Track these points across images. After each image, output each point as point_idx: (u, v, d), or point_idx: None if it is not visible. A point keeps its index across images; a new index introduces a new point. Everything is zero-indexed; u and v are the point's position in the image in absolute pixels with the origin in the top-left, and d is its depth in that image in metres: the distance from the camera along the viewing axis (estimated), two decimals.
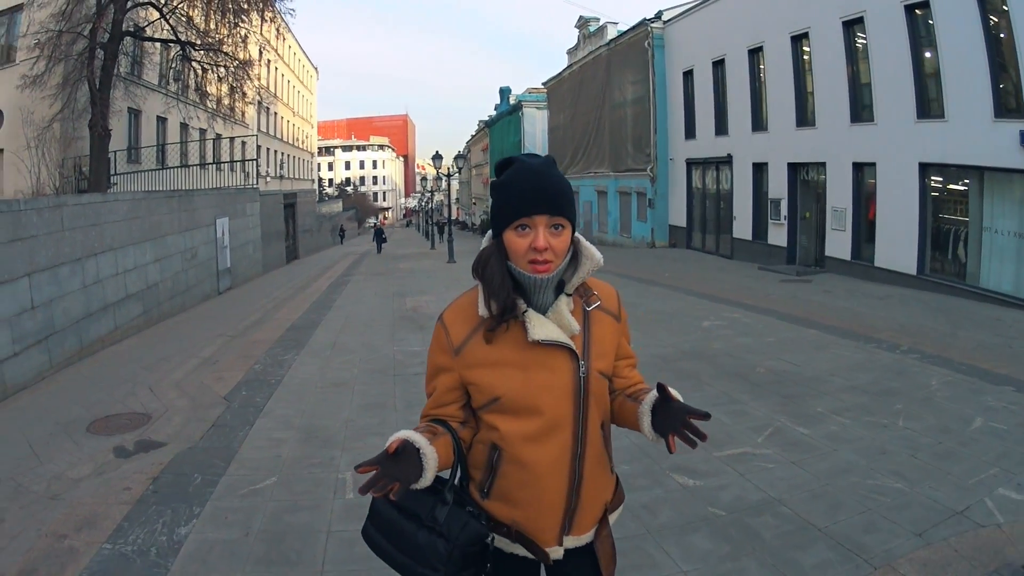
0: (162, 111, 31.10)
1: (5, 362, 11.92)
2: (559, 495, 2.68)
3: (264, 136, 52.42)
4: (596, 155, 47.16)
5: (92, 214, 16.08)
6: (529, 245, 2.52)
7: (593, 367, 2.67)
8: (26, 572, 5.83)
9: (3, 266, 12.15)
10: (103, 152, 22.20)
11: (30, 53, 21.86)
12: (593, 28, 48.09)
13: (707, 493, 6.43)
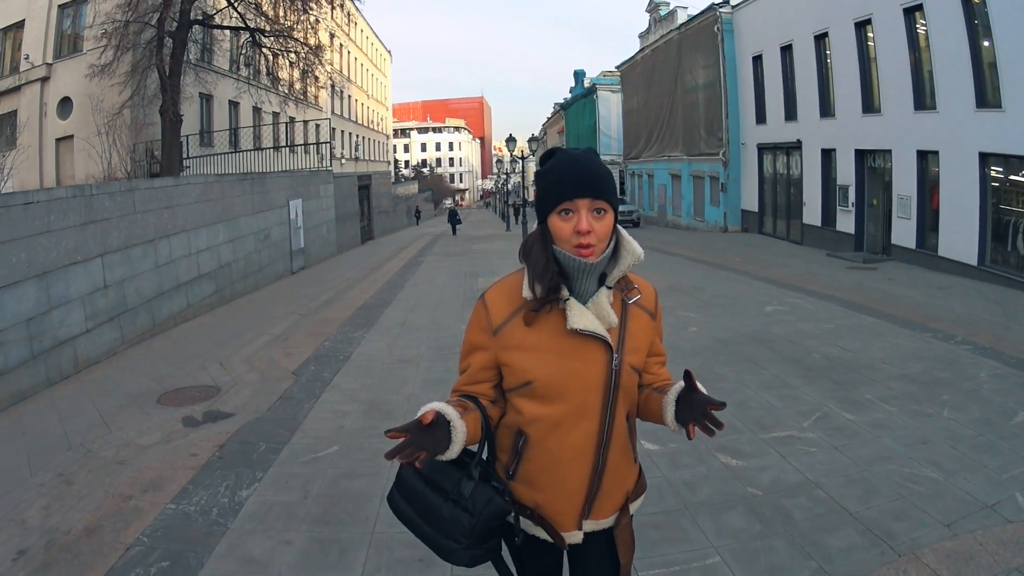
0: (234, 96, 31.72)
1: (78, 338, 12.43)
2: (581, 482, 2.75)
3: (338, 119, 52.97)
4: (670, 139, 46.70)
5: (164, 197, 16.54)
6: (573, 229, 2.57)
7: (626, 360, 2.72)
8: (92, 528, 6.21)
9: (77, 248, 12.63)
10: (175, 137, 22.79)
11: (97, 43, 22.56)
12: (663, 12, 47.59)
13: (748, 473, 6.52)
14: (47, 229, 11.77)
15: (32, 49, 28.10)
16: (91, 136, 22.06)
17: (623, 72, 58.35)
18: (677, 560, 5.05)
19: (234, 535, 5.98)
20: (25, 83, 27.94)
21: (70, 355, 12.08)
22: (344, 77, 54.52)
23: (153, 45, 22.22)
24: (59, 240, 12.06)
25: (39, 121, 27.20)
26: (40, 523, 6.41)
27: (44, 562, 5.67)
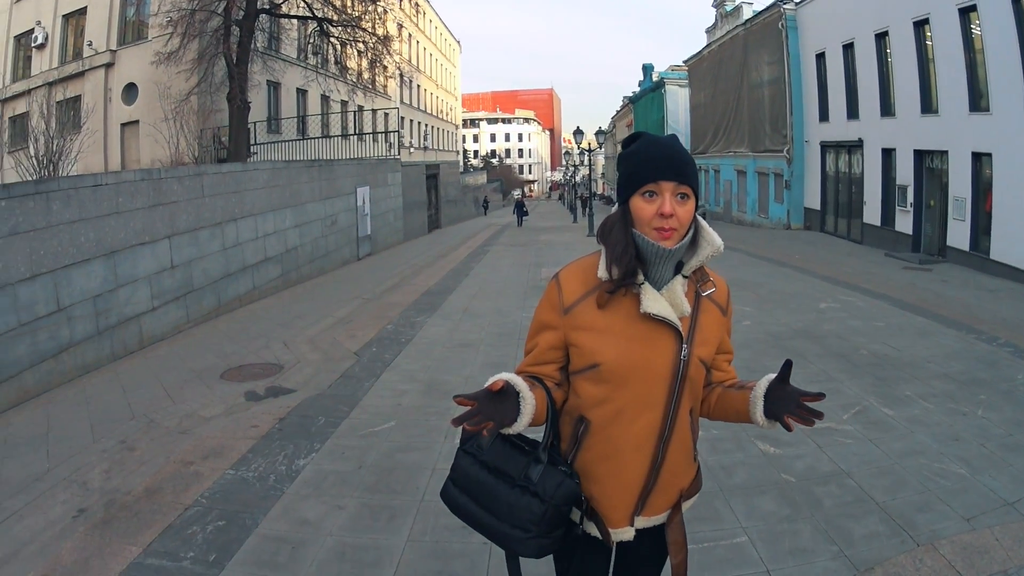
0: (302, 83, 32.11)
1: (143, 315, 12.85)
2: (638, 474, 2.69)
3: (407, 108, 53.42)
4: (736, 134, 46.19)
5: (232, 182, 16.95)
6: (656, 211, 2.53)
7: (695, 352, 2.65)
8: (152, 490, 6.48)
9: (145, 229, 13.02)
10: (242, 123, 23.14)
11: (162, 31, 22.98)
12: (729, 8, 47.13)
13: (783, 461, 6.59)
14: (116, 211, 12.17)
15: (95, 36, 28.72)
16: (157, 122, 22.44)
17: (690, 67, 57.99)
18: (707, 538, 5.17)
19: (289, 499, 6.21)
20: (89, 69, 28.54)
21: (135, 331, 12.50)
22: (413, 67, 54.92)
23: (220, 33, 22.55)
24: (127, 221, 12.45)
25: (104, 106, 27.80)
26: (101, 485, 6.72)
27: (103, 519, 5.96)
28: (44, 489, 6.70)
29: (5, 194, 9.95)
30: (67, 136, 16.98)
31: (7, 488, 6.76)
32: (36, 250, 10.23)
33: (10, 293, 9.69)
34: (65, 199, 10.96)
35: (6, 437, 8.34)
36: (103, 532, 5.71)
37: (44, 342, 10.28)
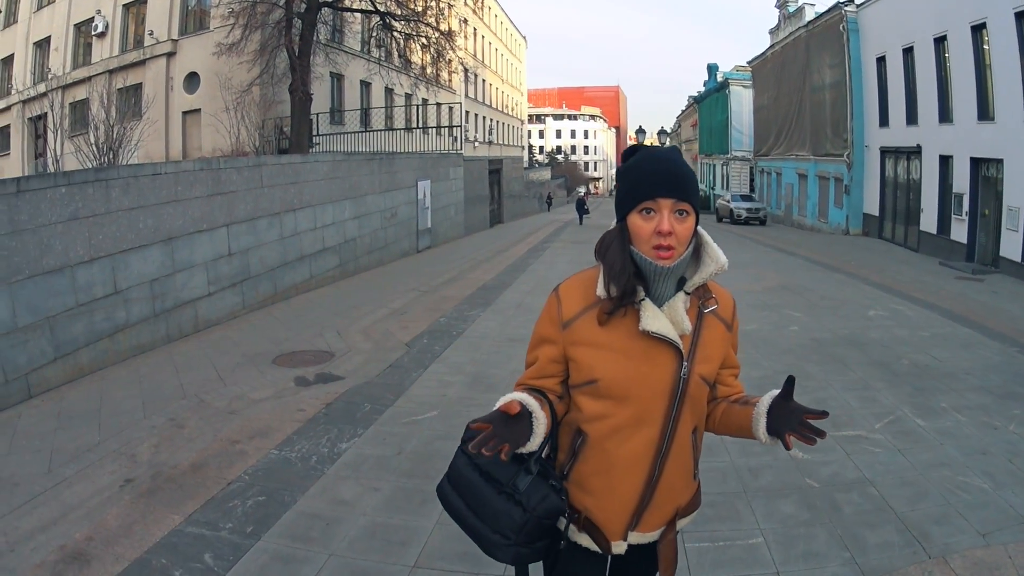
0: (365, 76, 32.47)
1: (199, 300, 13.26)
2: (633, 490, 2.69)
3: (472, 102, 53.70)
4: (798, 137, 45.70)
5: (291, 173, 17.26)
6: (654, 229, 2.51)
7: (696, 370, 2.64)
8: (198, 465, 6.84)
9: (203, 217, 13.43)
10: (304, 115, 23.59)
11: (224, 21, 23.45)
12: (792, 8, 46.76)
13: (811, 466, 6.64)
14: (174, 199, 12.58)
15: (156, 25, 29.51)
16: (218, 111, 22.99)
17: (754, 67, 57.52)
18: (723, 537, 5.31)
19: (328, 479, 6.51)
20: (150, 58, 29.36)
21: (191, 315, 12.92)
22: (478, 61, 55.17)
23: (282, 26, 22.98)
24: (186, 209, 12.86)
25: (165, 95, 28.54)
26: (149, 458, 7.09)
27: (149, 489, 6.33)
28: (94, 459, 7.09)
29: (65, 181, 10.40)
30: (127, 124, 17.41)
31: (59, 457, 7.19)
32: (95, 234, 10.68)
33: (68, 275, 10.14)
34: (124, 187, 11.40)
35: (60, 410, 8.78)
36: (148, 501, 6.09)
37: (100, 322, 10.72)
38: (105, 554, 5.25)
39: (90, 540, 5.45)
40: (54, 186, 10.17)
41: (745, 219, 47.27)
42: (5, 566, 5.24)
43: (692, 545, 5.13)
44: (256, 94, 23.77)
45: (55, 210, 10.02)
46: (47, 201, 9.94)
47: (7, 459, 7.31)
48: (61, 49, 32.78)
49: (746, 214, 47.62)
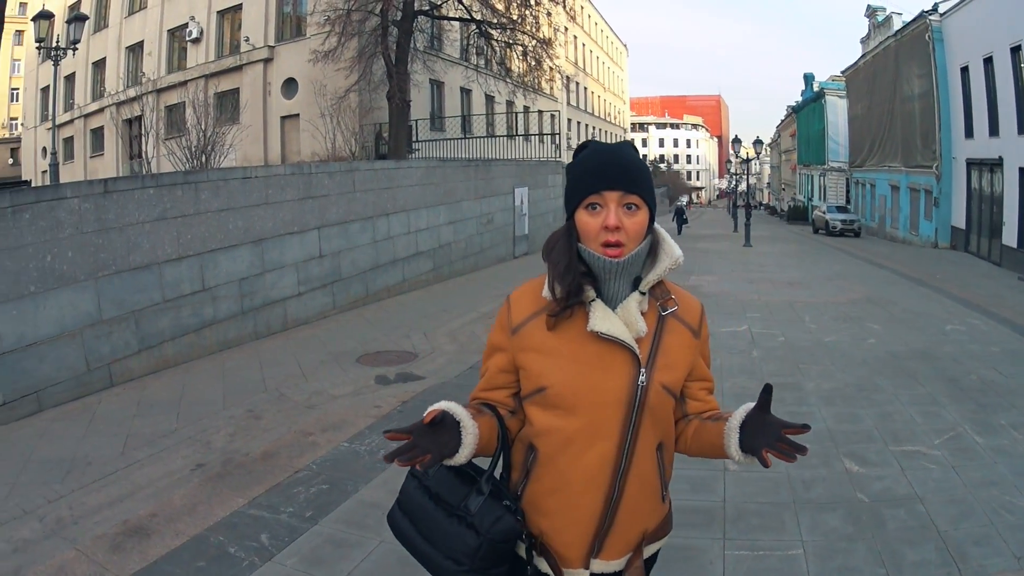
0: (464, 83, 32.77)
1: (289, 300, 13.65)
2: (591, 511, 2.47)
3: (574, 110, 53.77)
4: (890, 148, 44.45)
5: (385, 178, 17.56)
6: (600, 225, 2.38)
7: (656, 378, 2.44)
8: (269, 454, 7.10)
9: (294, 219, 13.82)
10: (402, 121, 23.85)
11: (320, 29, 23.98)
12: (880, 18, 45.88)
13: (863, 480, 6.47)
14: (264, 201, 13.01)
15: (252, 31, 30.17)
16: (316, 118, 23.47)
17: (848, 77, 56.32)
18: (764, 546, 5.24)
19: (392, 472, 6.58)
20: (247, 63, 30.05)
21: (279, 314, 13.32)
22: (579, 69, 55.23)
23: (378, 33, 23.26)
24: (276, 212, 13.27)
25: (263, 100, 29.26)
26: (223, 446, 7.41)
27: (219, 473, 6.64)
28: (168, 445, 7.46)
29: (153, 183, 10.96)
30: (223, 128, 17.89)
31: (134, 441, 7.60)
32: (183, 234, 11.19)
33: (156, 272, 10.66)
34: (214, 189, 11.90)
35: (140, 399, 9.24)
36: (215, 484, 6.38)
37: (187, 318, 11.20)
38: (166, 529, 5.55)
39: (153, 516, 5.77)
40: (142, 187, 10.72)
41: (840, 231, 46.37)
42: (67, 536, 5.59)
43: (731, 552, 5.12)
44: (353, 100, 24.16)
45: (143, 210, 10.54)
46: (134, 202, 10.47)
47: (83, 441, 7.78)
48: (155, 54, 33.93)
49: (841, 226, 46.75)
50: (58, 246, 9.44)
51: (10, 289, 8.87)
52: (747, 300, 15.29)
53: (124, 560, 5.20)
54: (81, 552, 5.37)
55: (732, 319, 13.15)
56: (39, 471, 7.03)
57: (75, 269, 9.60)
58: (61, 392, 9.28)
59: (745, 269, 22.45)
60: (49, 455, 7.46)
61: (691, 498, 5.76)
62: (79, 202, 9.78)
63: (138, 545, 5.34)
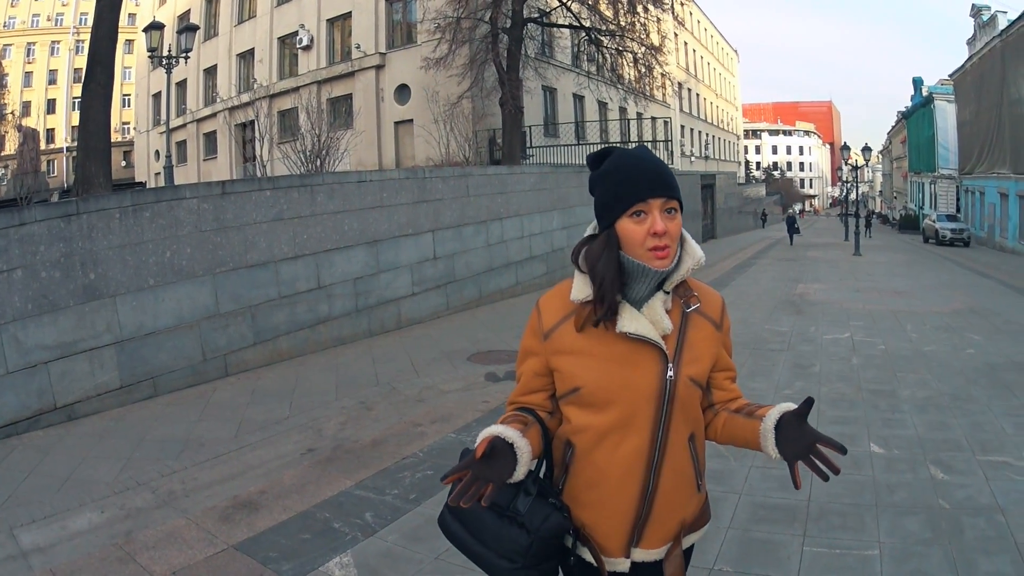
0: (577, 89, 32.74)
1: (403, 299, 13.87)
2: (628, 502, 2.52)
3: (687, 116, 53.36)
4: (998, 154, 42.20)
5: (498, 184, 17.73)
6: (647, 231, 2.38)
7: (683, 372, 2.48)
8: (378, 442, 7.23)
9: (409, 222, 14.06)
10: (515, 127, 23.81)
11: (430, 36, 24.21)
12: (985, 17, 44.08)
13: (947, 488, 6.22)
14: (379, 204, 13.28)
15: (363, 39, 30.68)
16: (429, 123, 23.60)
17: (956, 80, 53.87)
18: (842, 545, 5.12)
19: None
20: (359, 70, 30.73)
21: (393, 313, 13.52)
22: (691, 75, 54.82)
23: (488, 40, 23.40)
24: (391, 215, 13.52)
25: (376, 105, 29.70)
26: (334, 433, 7.59)
27: (328, 458, 6.80)
28: (280, 431, 7.70)
29: (271, 185, 11.38)
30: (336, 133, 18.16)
31: (247, 426, 7.89)
32: (299, 234, 11.55)
33: (272, 269, 11.03)
34: (329, 192, 12.23)
35: (255, 388, 9.57)
36: (325, 467, 6.55)
37: (302, 314, 11.53)
38: (274, 505, 5.74)
39: (262, 493, 5.96)
40: (259, 189, 11.16)
41: (950, 240, 44.38)
42: (178, 506, 5.88)
43: (809, 549, 5.05)
44: (466, 106, 24.36)
45: (260, 211, 10.96)
46: (252, 203, 10.90)
47: (197, 424, 8.16)
48: (266, 61, 34.85)
49: (950, 235, 44.71)
50: (177, 243, 9.88)
51: (131, 281, 9.38)
52: (852, 308, 15.04)
53: (232, 529, 5.43)
54: (191, 521, 5.63)
55: (835, 327, 12.93)
56: (153, 449, 7.43)
57: (194, 265, 10.04)
58: (176, 379, 9.78)
59: (853, 278, 21.99)
60: (163, 435, 7.87)
61: (777, 496, 5.78)
62: (198, 202, 10.23)
63: (247, 517, 5.55)
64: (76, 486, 6.52)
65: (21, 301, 8.45)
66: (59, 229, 8.86)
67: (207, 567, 5.02)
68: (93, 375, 9.02)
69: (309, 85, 30.63)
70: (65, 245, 8.89)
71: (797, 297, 17.13)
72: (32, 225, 8.63)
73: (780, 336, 12.17)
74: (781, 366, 10.11)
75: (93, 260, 9.12)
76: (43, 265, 8.67)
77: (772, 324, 13.29)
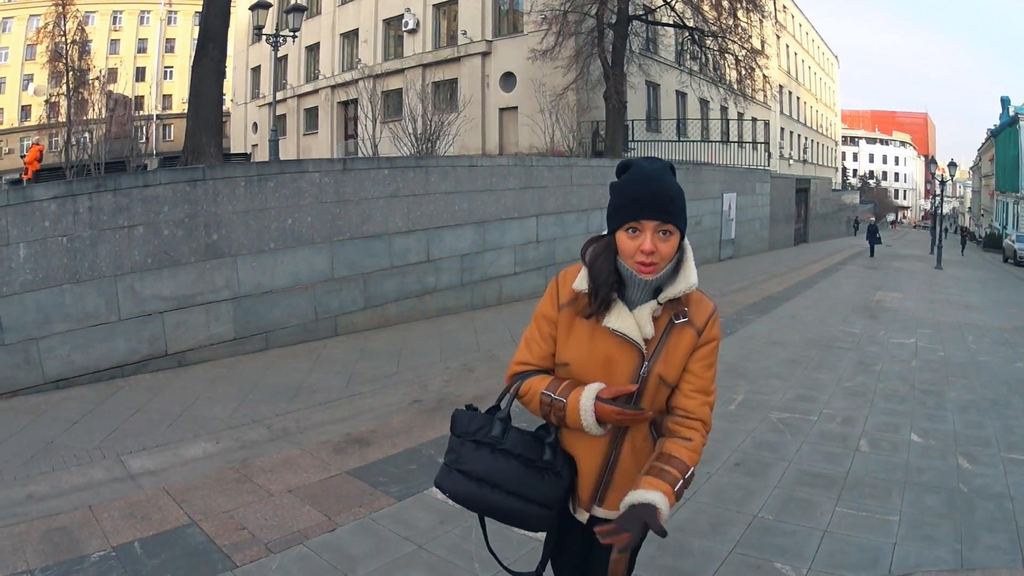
0: (679, 86, 32.70)
1: (505, 278, 14.33)
2: (592, 467, 2.79)
3: (786, 119, 52.50)
4: None
5: (600, 175, 17.84)
6: (637, 247, 2.56)
7: (655, 369, 2.66)
8: (479, 397, 7.69)
9: (515, 206, 14.49)
10: (618, 121, 23.86)
11: (537, 27, 24.31)
12: None
13: (969, 475, 6.49)
14: (488, 188, 13.74)
15: (469, 25, 30.84)
16: (534, 113, 23.90)
17: None
18: (869, 509, 5.49)
19: None
20: (464, 55, 30.75)
21: (495, 289, 14.00)
22: (791, 78, 54.05)
23: (594, 35, 23.46)
24: (499, 198, 13.97)
25: (481, 91, 29.74)
26: (438, 389, 8.10)
27: (433, 408, 7.33)
28: (388, 384, 8.26)
29: (388, 165, 11.99)
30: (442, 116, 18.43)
31: (357, 379, 8.50)
32: (412, 211, 12.10)
33: (386, 241, 11.61)
34: (442, 174, 12.76)
35: (364, 347, 10.16)
36: (429, 416, 7.05)
37: (411, 284, 12.08)
38: (384, 442, 6.24)
39: (373, 432, 6.48)
40: (377, 168, 11.74)
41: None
42: (292, 440, 6.49)
43: (840, 509, 5.46)
44: (571, 98, 24.37)
45: (377, 187, 11.55)
46: (370, 180, 11.48)
47: (309, 375, 8.78)
48: (371, 42, 35.02)
49: None
50: (299, 212, 10.48)
51: (252, 244, 10.01)
52: (922, 318, 15.06)
53: (345, 459, 5.92)
54: (305, 451, 6.17)
55: (903, 332, 13.07)
56: (266, 393, 8.01)
57: (313, 232, 10.64)
58: (288, 335, 10.42)
59: (929, 290, 21.73)
60: (276, 383, 8.46)
61: (820, 467, 6.30)
62: (320, 176, 10.82)
63: (358, 451, 6.04)
64: (189, 421, 7.09)
65: (140, 255, 9.04)
66: (184, 192, 9.46)
67: (321, 487, 5.51)
68: (208, 326, 9.66)
69: (414, 68, 31.22)
70: (190, 207, 9.49)
71: (874, 303, 17.08)
72: (156, 187, 9.24)
73: (851, 337, 12.35)
74: (846, 363, 10.39)
75: (217, 222, 9.72)
76: (166, 224, 9.27)
77: (846, 326, 13.45)
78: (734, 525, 5.14)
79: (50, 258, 8.44)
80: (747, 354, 10.86)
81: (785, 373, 9.72)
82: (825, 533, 5.11)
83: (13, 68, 58.14)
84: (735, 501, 5.55)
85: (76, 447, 6.40)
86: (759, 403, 8.15)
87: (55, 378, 8.42)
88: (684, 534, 4.97)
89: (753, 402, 8.20)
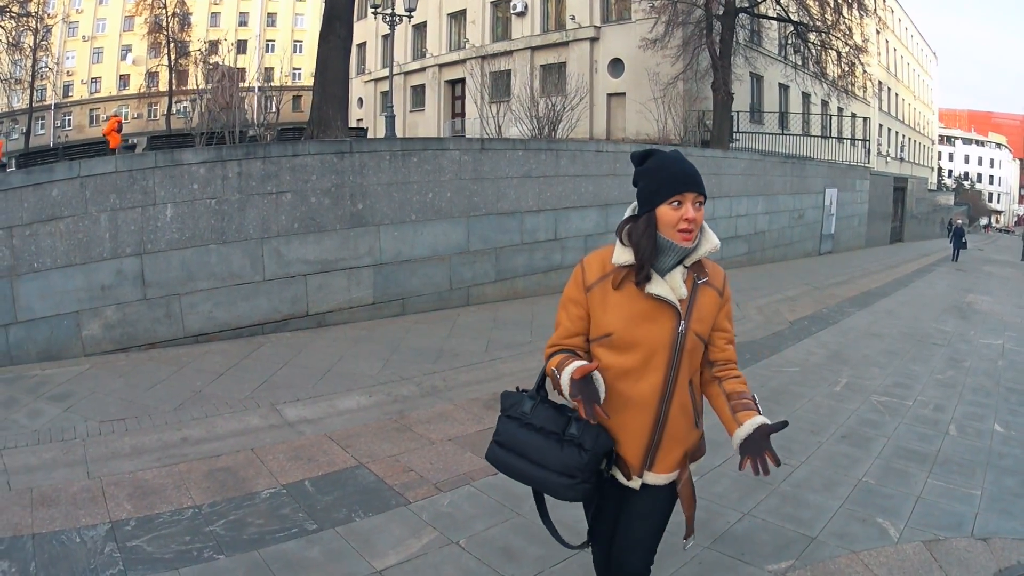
0: (783, 80, 32.60)
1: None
2: (644, 428, 3.01)
3: (885, 116, 51.38)
4: None
5: (712, 165, 18.41)
6: (680, 216, 2.87)
7: (692, 327, 2.97)
8: None
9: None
10: (725, 111, 23.98)
11: (646, 15, 24.67)
12: None
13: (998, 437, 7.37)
14: (612, 173, 14.33)
15: (578, 11, 31.30)
16: (645, 100, 23.94)
17: None
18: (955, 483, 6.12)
19: None
20: (573, 40, 31.18)
21: None
22: (891, 74, 52.88)
23: (703, 25, 23.68)
24: (622, 183, 14.40)
25: (590, 76, 29.80)
26: None
27: None
28: (524, 351, 9.00)
29: (522, 147, 12.73)
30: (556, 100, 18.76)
31: (495, 345, 9.30)
32: (543, 192, 12.83)
33: (518, 219, 12.39)
34: (571, 157, 13.47)
35: (496, 317, 10.99)
36: None
37: (538, 260, 12.84)
38: None
39: None
40: (512, 149, 12.48)
41: None
42: (443, 396, 7.31)
43: (931, 481, 6.09)
44: (680, 88, 24.57)
45: (512, 167, 12.29)
46: (505, 160, 12.22)
47: (448, 339, 9.59)
48: (479, 23, 35.46)
49: None
50: (439, 187, 11.22)
51: (395, 214, 10.78)
52: (1010, 321, 15.22)
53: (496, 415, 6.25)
54: (457, 406, 6.95)
55: (992, 333, 13.33)
56: (410, 354, 8.76)
57: (452, 207, 11.38)
58: (424, 302, 11.20)
59: (1019, 295, 21.57)
60: (417, 345, 9.22)
61: (916, 444, 6.91)
62: (460, 154, 11.54)
63: None
64: (338, 376, 7.78)
65: (288, 220, 9.78)
66: (332, 163, 10.17)
67: (480, 437, 6.20)
68: (348, 290, 10.41)
69: (522, 50, 31.71)
70: (337, 177, 10.20)
71: (965, 305, 17.20)
72: (305, 157, 9.96)
73: (943, 334, 12.76)
74: (938, 357, 10.77)
75: (362, 193, 10.44)
76: (313, 192, 9.99)
77: (939, 324, 13.84)
78: (842, 485, 5.80)
79: (197, 219, 9.15)
80: (849, 343, 11.50)
81: (883, 362, 10.27)
82: (919, 498, 5.71)
83: (111, 38, 59.36)
84: (843, 467, 6.21)
85: (227, 396, 7.06)
86: (860, 387, 8.74)
87: (195, 332, 9.21)
88: (801, 490, 5.69)
89: (855, 385, 8.80)
